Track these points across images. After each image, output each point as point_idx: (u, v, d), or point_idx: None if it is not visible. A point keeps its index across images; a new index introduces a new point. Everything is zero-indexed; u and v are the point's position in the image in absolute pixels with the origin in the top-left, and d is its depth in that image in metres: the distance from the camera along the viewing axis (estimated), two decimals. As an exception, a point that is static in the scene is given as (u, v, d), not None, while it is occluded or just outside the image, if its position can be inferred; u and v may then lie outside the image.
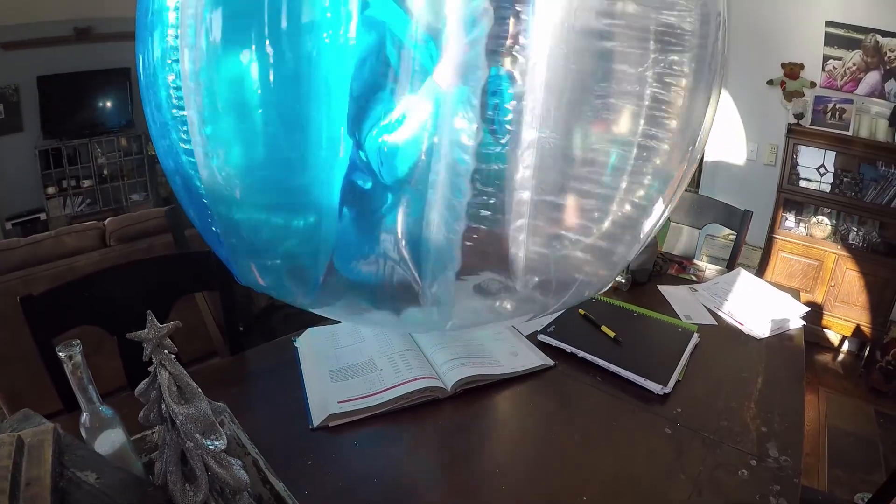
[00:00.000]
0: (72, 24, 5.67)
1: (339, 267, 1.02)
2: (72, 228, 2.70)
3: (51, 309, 1.26)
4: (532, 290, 0.97)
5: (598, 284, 1.07)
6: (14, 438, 0.73)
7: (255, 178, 0.92)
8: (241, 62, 0.82)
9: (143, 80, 0.98)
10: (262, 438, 0.99)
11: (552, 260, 0.94)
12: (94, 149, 6.06)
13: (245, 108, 0.86)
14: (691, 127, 1.01)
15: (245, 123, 0.86)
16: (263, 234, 0.98)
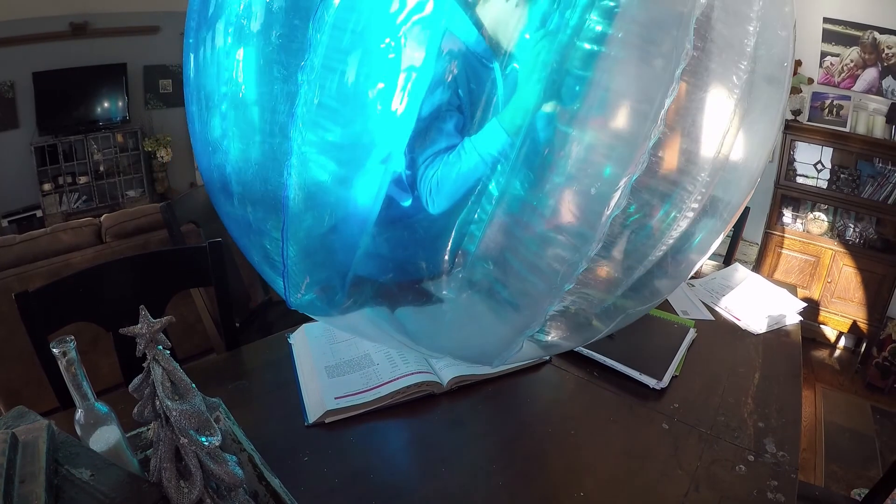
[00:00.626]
0: (67, 19, 5.65)
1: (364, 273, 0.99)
2: (67, 225, 2.69)
3: (46, 305, 1.25)
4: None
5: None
6: (8, 435, 0.73)
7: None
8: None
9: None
10: (258, 434, 0.99)
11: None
12: (90, 145, 6.04)
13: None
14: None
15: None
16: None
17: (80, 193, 6.08)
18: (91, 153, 6.06)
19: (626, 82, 0.74)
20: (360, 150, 0.86)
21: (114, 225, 2.67)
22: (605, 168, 0.74)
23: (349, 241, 0.92)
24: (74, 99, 5.84)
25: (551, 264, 0.78)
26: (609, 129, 0.75)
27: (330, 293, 0.99)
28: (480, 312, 0.91)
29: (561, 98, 0.76)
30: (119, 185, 6.31)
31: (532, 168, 0.78)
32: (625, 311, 0.97)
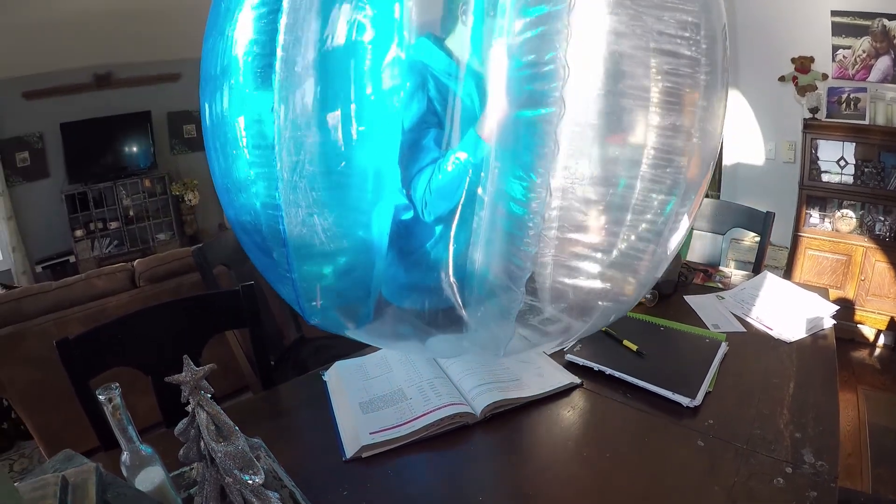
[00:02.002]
0: (91, 70, 5.84)
1: (389, 297, 1.10)
2: (101, 271, 2.76)
3: (86, 351, 1.29)
4: (560, 314, 1.00)
5: (627, 303, 1.10)
6: (59, 478, 0.75)
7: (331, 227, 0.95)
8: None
9: (216, 132, 0.99)
10: (297, 471, 1.01)
11: (572, 287, 0.97)
12: (119, 191, 6.21)
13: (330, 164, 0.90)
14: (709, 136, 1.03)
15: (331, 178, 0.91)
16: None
17: (111, 238, 6.24)
18: (120, 199, 6.22)
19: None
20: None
21: (146, 270, 2.74)
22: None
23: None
24: (102, 147, 6.02)
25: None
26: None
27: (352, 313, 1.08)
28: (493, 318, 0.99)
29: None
30: (149, 228, 6.46)
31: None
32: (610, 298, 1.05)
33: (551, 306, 1.04)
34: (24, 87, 5.50)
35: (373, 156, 0.94)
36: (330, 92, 0.85)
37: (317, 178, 0.87)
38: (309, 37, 0.83)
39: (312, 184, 0.87)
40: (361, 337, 1.16)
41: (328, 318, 1.06)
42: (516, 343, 1.04)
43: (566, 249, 0.96)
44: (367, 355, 1.43)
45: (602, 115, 0.92)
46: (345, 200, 0.94)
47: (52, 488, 0.74)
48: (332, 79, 0.85)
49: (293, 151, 0.85)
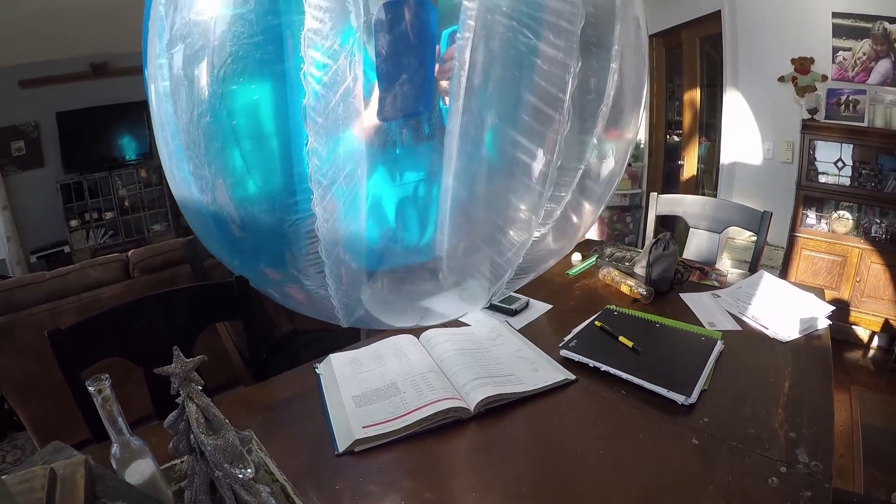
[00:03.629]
0: (88, 59, 5.81)
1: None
2: (95, 261, 2.74)
3: (78, 342, 1.29)
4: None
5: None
6: (47, 471, 0.75)
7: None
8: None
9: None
10: (289, 465, 1.01)
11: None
12: (115, 181, 6.20)
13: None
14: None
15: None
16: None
17: (106, 228, 6.22)
18: (116, 189, 6.21)
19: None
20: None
21: (141, 260, 2.73)
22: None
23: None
24: (97, 137, 6.00)
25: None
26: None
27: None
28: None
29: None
30: (144, 219, 6.45)
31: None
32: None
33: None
34: (20, 75, 5.48)
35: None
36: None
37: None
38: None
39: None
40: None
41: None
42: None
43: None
44: (360, 348, 1.42)
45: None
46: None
47: (40, 481, 0.73)
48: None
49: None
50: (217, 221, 1.14)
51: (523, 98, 1.06)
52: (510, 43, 1.01)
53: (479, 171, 1.10)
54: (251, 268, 1.31)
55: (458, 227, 1.14)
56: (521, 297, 1.69)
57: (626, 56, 1.27)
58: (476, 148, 1.07)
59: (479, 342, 1.42)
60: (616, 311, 1.59)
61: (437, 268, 1.21)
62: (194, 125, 1.02)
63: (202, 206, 1.13)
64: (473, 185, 1.11)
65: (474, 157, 1.08)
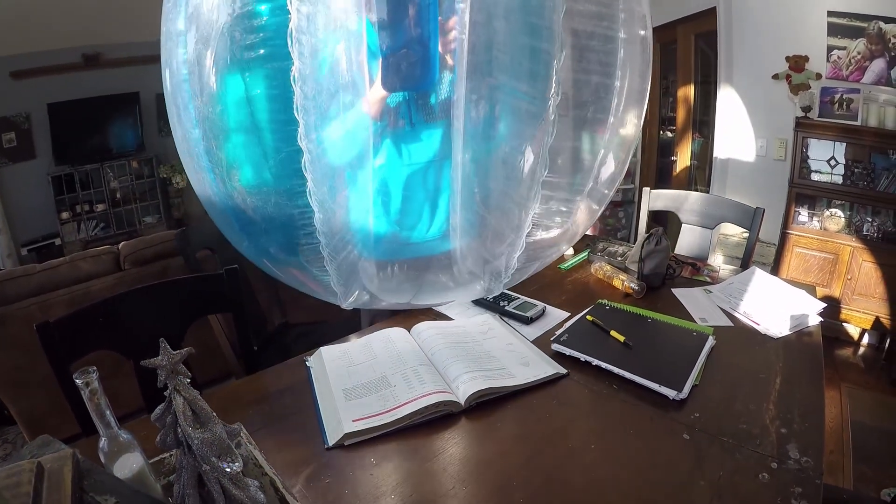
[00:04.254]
0: (80, 50, 5.77)
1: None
2: (86, 253, 2.73)
3: (67, 335, 1.28)
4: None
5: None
6: (34, 465, 0.74)
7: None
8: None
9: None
10: (279, 458, 1.00)
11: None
12: (107, 173, 6.16)
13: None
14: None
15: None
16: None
17: (97, 221, 6.18)
18: (107, 181, 6.18)
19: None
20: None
21: (132, 252, 2.71)
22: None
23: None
24: (89, 128, 5.96)
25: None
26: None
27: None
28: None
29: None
30: (136, 211, 6.41)
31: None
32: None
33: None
34: (11, 66, 5.43)
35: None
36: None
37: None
38: None
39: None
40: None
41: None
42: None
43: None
44: (351, 342, 1.41)
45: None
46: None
47: (27, 475, 0.72)
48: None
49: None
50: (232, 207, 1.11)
51: (524, 44, 0.98)
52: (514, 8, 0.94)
53: (488, 146, 1.03)
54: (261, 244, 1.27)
55: (473, 213, 1.08)
56: (538, 304, 1.62)
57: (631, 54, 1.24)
58: (485, 124, 1.00)
59: (471, 335, 1.42)
60: (608, 306, 1.59)
61: (451, 260, 1.13)
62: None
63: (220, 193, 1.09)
64: (485, 160, 1.04)
65: (481, 132, 1.01)
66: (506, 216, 1.08)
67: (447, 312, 1.60)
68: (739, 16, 3.63)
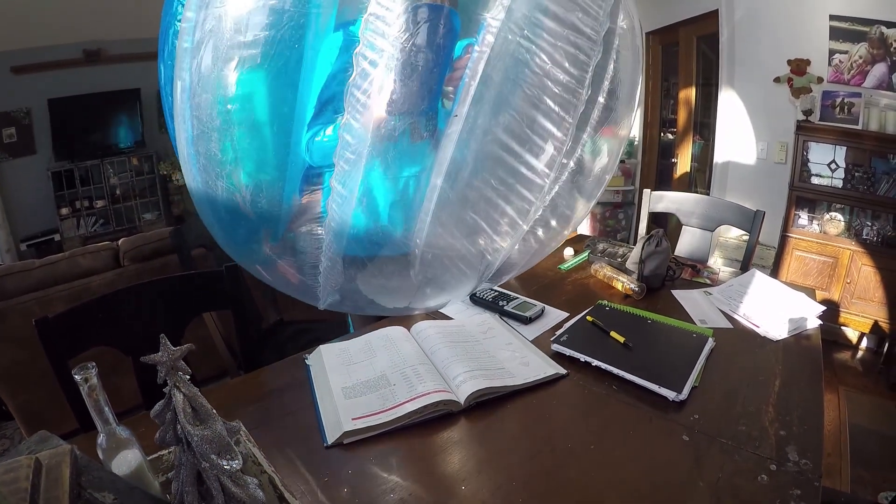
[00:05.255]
0: (81, 46, 5.77)
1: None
2: (86, 249, 2.73)
3: (66, 331, 1.28)
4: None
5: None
6: (32, 461, 0.74)
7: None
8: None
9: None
10: (278, 456, 1.00)
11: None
12: (107, 169, 6.16)
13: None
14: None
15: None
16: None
17: (97, 217, 6.19)
18: (107, 177, 6.18)
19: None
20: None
21: (131, 249, 2.72)
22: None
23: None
24: (90, 124, 5.97)
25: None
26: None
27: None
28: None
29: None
30: (135, 208, 6.42)
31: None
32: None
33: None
34: (12, 61, 5.43)
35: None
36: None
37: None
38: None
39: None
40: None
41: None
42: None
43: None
44: (350, 340, 1.41)
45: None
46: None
47: (25, 471, 0.72)
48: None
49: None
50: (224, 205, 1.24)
51: (529, 115, 1.13)
52: (525, 63, 1.09)
53: (468, 176, 1.17)
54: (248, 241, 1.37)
55: (438, 226, 1.22)
56: (537, 304, 1.61)
57: (622, 53, 1.29)
58: (470, 154, 1.15)
59: (471, 335, 1.42)
60: (608, 307, 1.59)
61: (410, 262, 1.29)
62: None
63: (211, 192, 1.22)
64: (461, 187, 1.18)
65: (466, 163, 1.15)
66: (478, 226, 1.27)
67: (446, 312, 1.60)
68: (741, 19, 3.63)
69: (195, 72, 1.10)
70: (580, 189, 1.45)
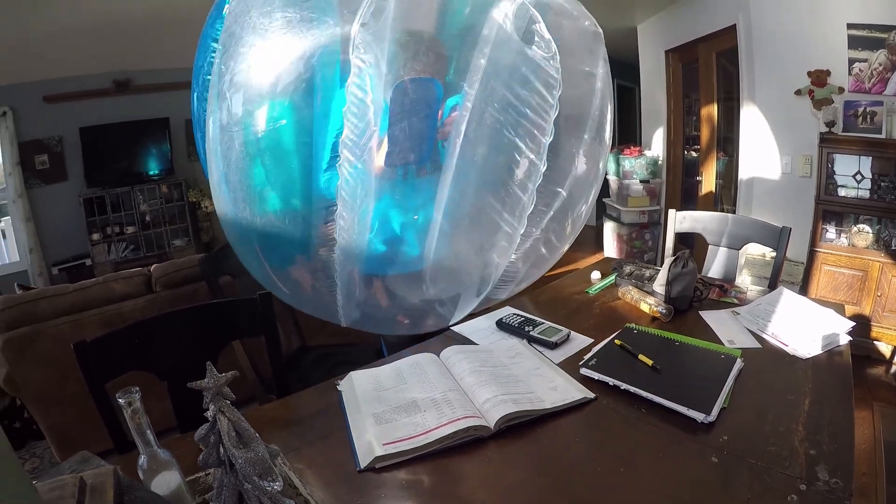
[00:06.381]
0: (111, 76, 5.94)
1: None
2: (119, 275, 2.80)
3: (103, 355, 1.31)
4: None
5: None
6: (77, 479, 0.77)
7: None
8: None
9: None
10: (311, 479, 1.02)
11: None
12: (136, 196, 6.30)
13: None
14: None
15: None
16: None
17: (127, 243, 6.31)
18: (137, 204, 6.31)
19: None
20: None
21: (163, 275, 2.77)
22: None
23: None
24: (120, 152, 6.11)
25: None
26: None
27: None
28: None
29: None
30: (165, 234, 6.54)
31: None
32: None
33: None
34: (45, 90, 5.61)
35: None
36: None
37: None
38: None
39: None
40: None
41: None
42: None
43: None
44: (380, 367, 1.44)
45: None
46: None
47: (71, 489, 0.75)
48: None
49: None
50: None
51: (500, 174, 1.35)
52: (496, 131, 1.29)
53: (463, 212, 1.37)
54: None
55: (441, 251, 1.39)
56: (562, 330, 1.62)
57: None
58: (463, 195, 1.34)
59: (499, 360, 1.43)
60: (635, 330, 1.59)
61: (423, 278, 1.45)
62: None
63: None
64: (457, 221, 1.37)
65: (460, 202, 1.35)
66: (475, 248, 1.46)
67: (473, 338, 1.62)
68: (759, 32, 3.63)
69: (226, 112, 1.26)
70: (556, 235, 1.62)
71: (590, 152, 1.55)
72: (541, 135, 1.29)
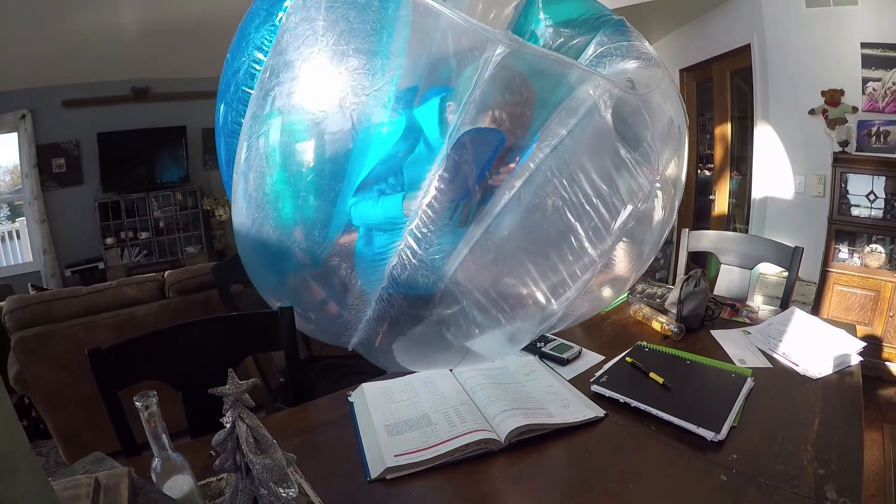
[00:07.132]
0: (130, 84, 6.01)
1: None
2: (132, 279, 2.82)
3: (117, 362, 1.30)
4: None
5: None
6: (91, 479, 0.78)
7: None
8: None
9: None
10: (322, 488, 1.03)
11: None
12: (151, 202, 6.36)
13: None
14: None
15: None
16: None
17: (140, 248, 6.37)
18: (152, 210, 6.37)
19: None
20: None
21: (177, 281, 2.79)
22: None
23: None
24: (136, 158, 6.17)
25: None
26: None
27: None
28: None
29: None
30: (178, 241, 6.59)
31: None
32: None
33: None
34: (64, 95, 5.69)
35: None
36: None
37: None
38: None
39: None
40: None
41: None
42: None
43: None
44: (392, 379, 1.45)
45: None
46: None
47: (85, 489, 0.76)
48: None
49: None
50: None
51: (545, 250, 1.26)
52: (550, 209, 1.21)
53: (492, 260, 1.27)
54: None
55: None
56: (574, 346, 1.63)
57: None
58: (494, 245, 1.24)
59: (513, 376, 1.44)
60: (647, 348, 1.59)
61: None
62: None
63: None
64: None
65: (490, 250, 1.24)
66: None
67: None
68: (773, 52, 3.62)
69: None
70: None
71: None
72: (606, 232, 1.24)
